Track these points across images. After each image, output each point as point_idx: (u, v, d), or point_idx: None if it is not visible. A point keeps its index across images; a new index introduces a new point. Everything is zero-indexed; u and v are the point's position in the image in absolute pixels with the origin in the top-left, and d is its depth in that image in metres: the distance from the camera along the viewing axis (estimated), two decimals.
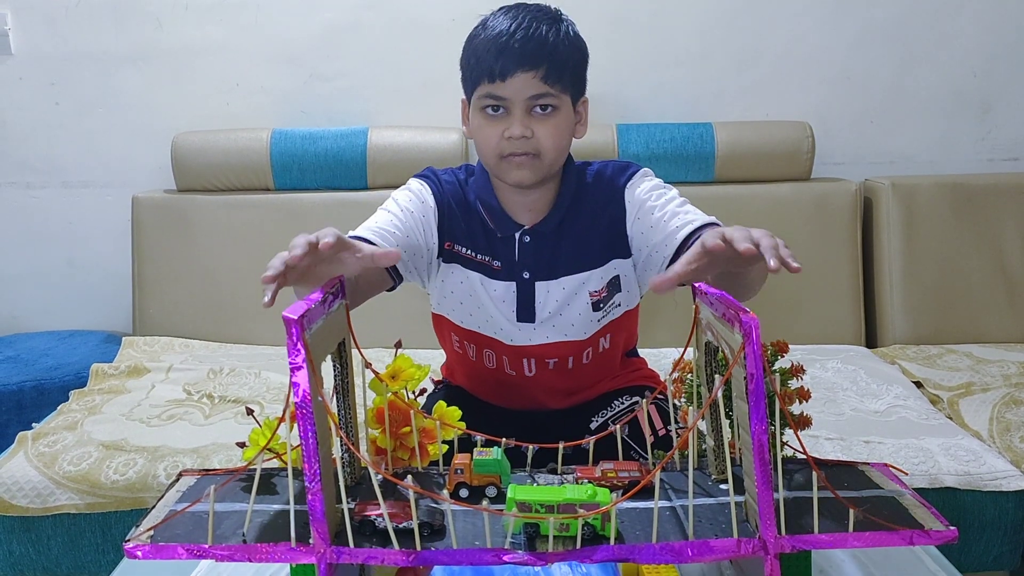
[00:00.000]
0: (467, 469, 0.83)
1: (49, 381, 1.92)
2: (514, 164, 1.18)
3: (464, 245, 1.27)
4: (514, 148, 1.17)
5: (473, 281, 1.27)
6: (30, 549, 1.53)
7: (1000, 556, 1.52)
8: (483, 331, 1.30)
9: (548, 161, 1.19)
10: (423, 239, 1.24)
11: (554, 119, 1.18)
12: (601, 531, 0.74)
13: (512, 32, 1.14)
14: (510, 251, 1.26)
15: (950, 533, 0.75)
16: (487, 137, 1.19)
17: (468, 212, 1.28)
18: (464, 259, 1.27)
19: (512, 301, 1.26)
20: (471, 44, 1.20)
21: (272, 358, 2.01)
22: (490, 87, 1.16)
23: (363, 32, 2.26)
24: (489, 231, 1.26)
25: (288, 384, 0.69)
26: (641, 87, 2.28)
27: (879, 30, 2.26)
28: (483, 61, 1.15)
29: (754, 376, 0.69)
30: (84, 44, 2.26)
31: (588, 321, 1.28)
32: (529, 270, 1.26)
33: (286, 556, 0.72)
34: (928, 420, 1.65)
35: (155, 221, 2.20)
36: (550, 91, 1.16)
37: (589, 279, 1.26)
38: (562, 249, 1.25)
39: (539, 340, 1.28)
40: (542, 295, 1.26)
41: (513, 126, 1.16)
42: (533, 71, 1.14)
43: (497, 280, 1.26)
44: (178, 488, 0.86)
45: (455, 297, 1.29)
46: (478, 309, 1.28)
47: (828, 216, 2.16)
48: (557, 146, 1.19)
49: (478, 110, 1.20)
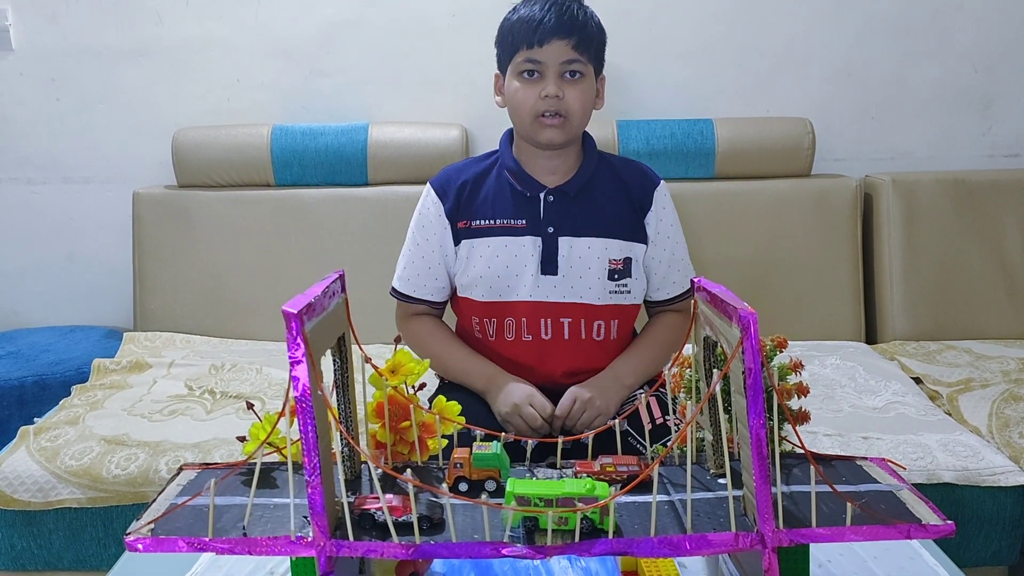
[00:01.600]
0: (466, 463, 0.83)
1: (50, 376, 1.92)
2: (546, 124, 1.34)
3: (482, 218, 1.41)
4: (548, 106, 1.33)
5: (497, 245, 1.40)
6: (32, 543, 1.53)
7: (999, 551, 1.53)
8: (504, 297, 1.40)
9: (575, 123, 1.36)
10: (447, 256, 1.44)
11: (581, 84, 1.35)
12: (600, 525, 0.74)
13: (548, 8, 1.32)
14: (535, 209, 1.40)
15: (947, 527, 0.75)
16: (524, 98, 1.35)
17: (492, 184, 1.43)
18: (483, 230, 1.41)
19: (537, 254, 1.39)
20: (507, 23, 1.37)
21: (273, 353, 2.02)
22: (528, 52, 1.33)
23: (364, 28, 2.26)
24: (516, 193, 1.40)
25: (288, 379, 0.69)
26: (642, 83, 2.28)
27: (880, 26, 2.26)
28: (522, 32, 1.33)
29: (752, 371, 0.70)
30: (85, 39, 2.26)
31: (603, 289, 1.40)
32: (553, 225, 1.39)
33: (286, 549, 0.73)
34: (927, 416, 1.65)
35: (156, 217, 2.20)
36: (579, 58, 1.33)
37: (611, 247, 1.40)
38: (587, 211, 1.40)
39: (557, 297, 1.39)
40: (565, 249, 1.39)
41: (549, 86, 1.33)
42: (567, 39, 1.32)
43: (523, 236, 1.39)
44: (179, 482, 0.86)
45: (478, 268, 1.40)
46: (505, 269, 1.39)
47: (828, 212, 2.16)
48: (583, 109, 1.36)
49: (515, 75, 1.36)
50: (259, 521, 0.77)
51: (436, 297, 1.47)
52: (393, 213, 2.09)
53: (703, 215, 2.12)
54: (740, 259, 2.13)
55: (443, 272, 1.44)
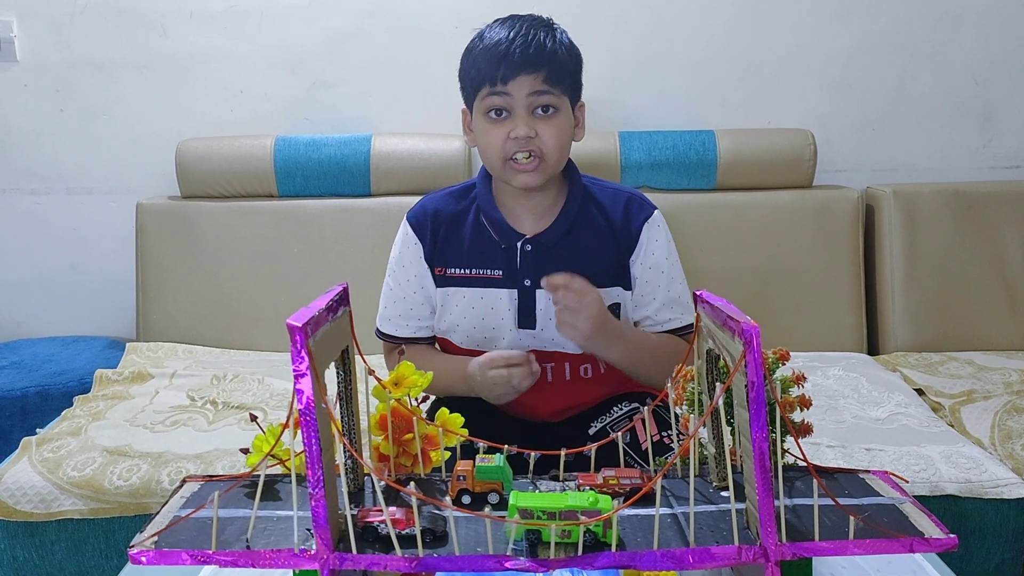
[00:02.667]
0: (469, 476, 0.83)
1: (53, 387, 1.92)
2: (519, 170, 1.23)
3: (457, 266, 1.31)
4: (519, 147, 1.21)
5: (472, 297, 1.31)
6: (34, 554, 1.53)
7: (1001, 564, 1.52)
8: (483, 347, 1.32)
9: (552, 162, 1.24)
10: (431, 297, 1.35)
11: (556, 120, 1.23)
12: (603, 538, 0.74)
13: (512, 39, 1.19)
14: (512, 260, 1.30)
15: (950, 541, 0.75)
16: (492, 141, 1.23)
17: (469, 228, 1.32)
18: (459, 279, 1.31)
19: (514, 308, 1.29)
20: (470, 55, 1.25)
21: (275, 364, 2.02)
22: (492, 88, 1.21)
23: (366, 39, 2.27)
24: (493, 242, 1.29)
25: (292, 390, 0.69)
26: (643, 94, 2.28)
27: (880, 38, 2.27)
28: (485, 68, 1.20)
29: (755, 384, 0.70)
30: (89, 51, 2.27)
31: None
32: (530, 278, 1.29)
33: (289, 562, 0.73)
34: (929, 428, 1.65)
35: (159, 227, 2.20)
36: (551, 91, 1.21)
37: None
38: (566, 261, 1.27)
39: (539, 347, 1.31)
40: (543, 303, 1.29)
41: (518, 127, 1.20)
42: (534, 74, 1.19)
43: (498, 288, 1.29)
44: (182, 494, 0.86)
45: (454, 317, 1.33)
46: (481, 321, 1.31)
47: (830, 223, 2.16)
48: (560, 146, 1.23)
49: (481, 115, 1.24)
50: (262, 534, 0.77)
51: (422, 334, 1.38)
52: (396, 224, 2.05)
53: (704, 226, 2.13)
54: (742, 270, 2.13)
55: (427, 312, 1.36)
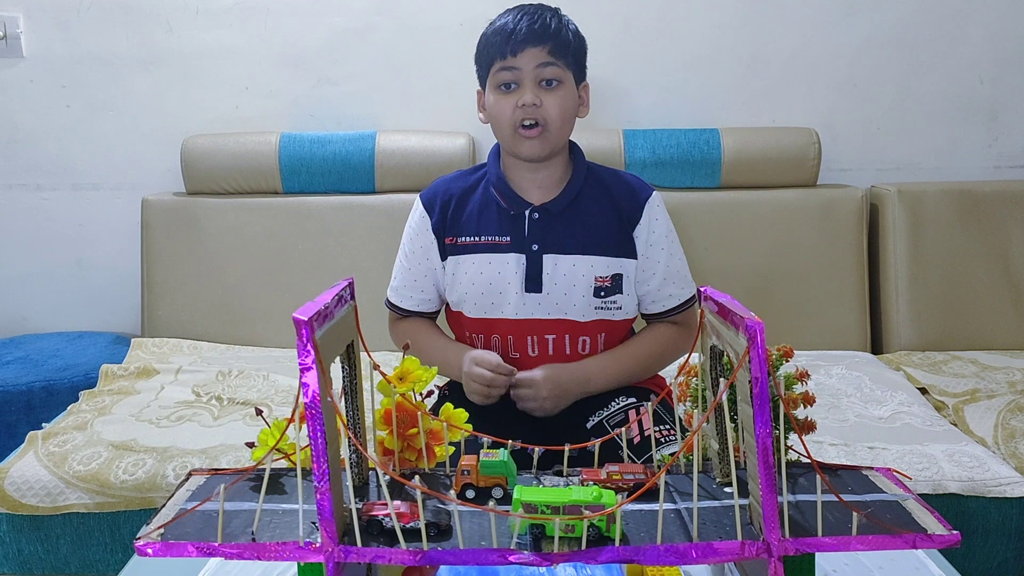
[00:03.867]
0: (473, 470, 0.83)
1: (58, 382, 1.93)
2: (525, 137, 1.34)
3: (467, 234, 1.41)
4: (525, 115, 1.33)
5: (481, 262, 1.39)
6: (39, 548, 1.54)
7: (1004, 562, 1.52)
8: (490, 314, 1.40)
9: (554, 130, 1.35)
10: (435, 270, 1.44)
11: (559, 92, 1.35)
12: (606, 532, 0.74)
13: (519, 19, 1.34)
14: (520, 227, 1.39)
15: (953, 537, 0.75)
16: (502, 110, 1.35)
17: (477, 199, 1.42)
18: (468, 247, 1.40)
19: (521, 272, 1.38)
20: (483, 38, 1.39)
21: (280, 360, 2.03)
22: (503, 63, 1.34)
23: (372, 37, 2.28)
24: (501, 210, 1.40)
25: (297, 386, 0.70)
26: (647, 92, 2.29)
27: (886, 36, 2.27)
28: (496, 43, 1.34)
29: (758, 380, 0.70)
30: (95, 47, 2.28)
31: (588, 306, 1.39)
32: (538, 243, 1.38)
33: (295, 554, 0.73)
34: (932, 426, 1.65)
35: (164, 223, 2.21)
36: (555, 63, 1.33)
37: (596, 264, 1.39)
38: (573, 228, 1.39)
39: (542, 315, 1.39)
40: (549, 267, 1.38)
41: (525, 95, 1.33)
42: (540, 46, 1.32)
43: (507, 253, 1.39)
44: (188, 487, 0.87)
45: (463, 285, 1.41)
46: (489, 286, 1.39)
47: (834, 222, 2.16)
48: (562, 116, 1.35)
49: (493, 88, 1.37)
50: (268, 527, 0.77)
51: (424, 308, 1.49)
52: (400, 221, 2.06)
53: (708, 224, 2.13)
54: (745, 268, 2.13)
55: (430, 285, 1.46)
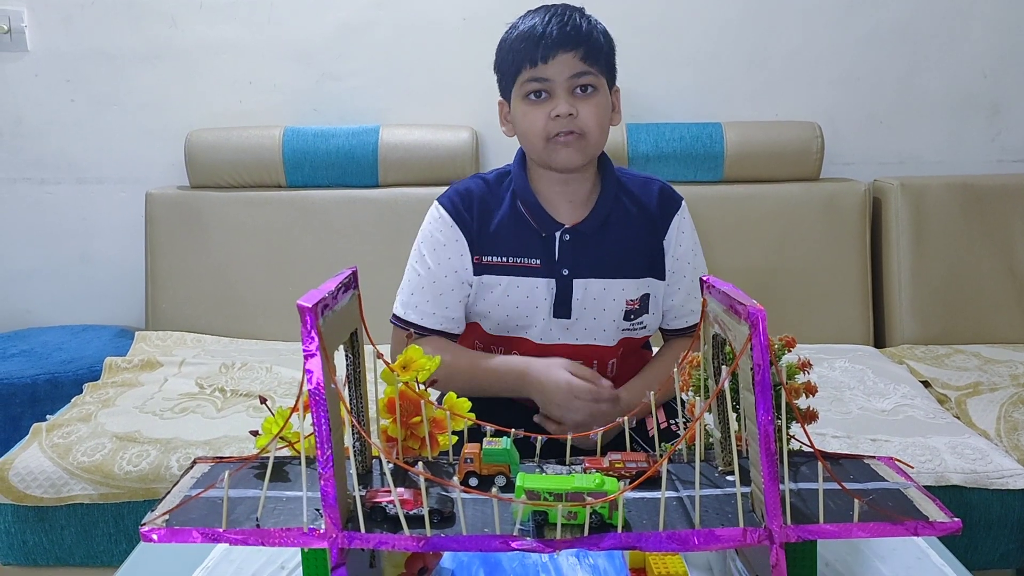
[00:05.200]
0: (477, 458, 0.83)
1: (63, 374, 1.94)
2: (561, 144, 1.22)
3: (496, 254, 1.30)
4: (560, 127, 1.21)
5: (508, 285, 1.30)
6: (43, 538, 1.54)
7: (1006, 554, 1.53)
8: (513, 334, 1.32)
9: (593, 141, 1.24)
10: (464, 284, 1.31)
11: (595, 99, 1.23)
12: (609, 520, 0.74)
13: (548, 21, 1.20)
14: (550, 249, 1.29)
15: (954, 524, 0.75)
16: (533, 121, 1.23)
17: (504, 215, 1.30)
18: (497, 267, 1.30)
19: (551, 297, 1.29)
20: (506, 43, 1.25)
21: (283, 353, 2.03)
22: (533, 71, 1.21)
23: (375, 31, 2.28)
24: (531, 230, 1.29)
25: (300, 379, 0.70)
26: (651, 87, 2.29)
27: (889, 31, 2.27)
28: (523, 51, 1.21)
29: (760, 367, 0.70)
30: (99, 41, 2.28)
31: (617, 329, 1.31)
32: (568, 267, 1.29)
33: (299, 540, 0.74)
34: (935, 419, 1.65)
35: (168, 217, 2.22)
36: (590, 71, 1.22)
37: (627, 287, 1.30)
38: (604, 250, 1.29)
39: (570, 340, 1.31)
40: (579, 292, 1.29)
41: (559, 105, 1.20)
42: (573, 51, 1.20)
43: (536, 278, 1.28)
44: (192, 475, 0.87)
45: (488, 304, 1.31)
46: (515, 309, 1.30)
47: (837, 216, 2.16)
48: (600, 125, 1.24)
49: (521, 98, 1.24)
50: (272, 513, 0.77)
51: (449, 328, 1.33)
52: (403, 215, 2.10)
53: (712, 218, 2.13)
54: (748, 262, 2.13)
55: (458, 299, 1.31)
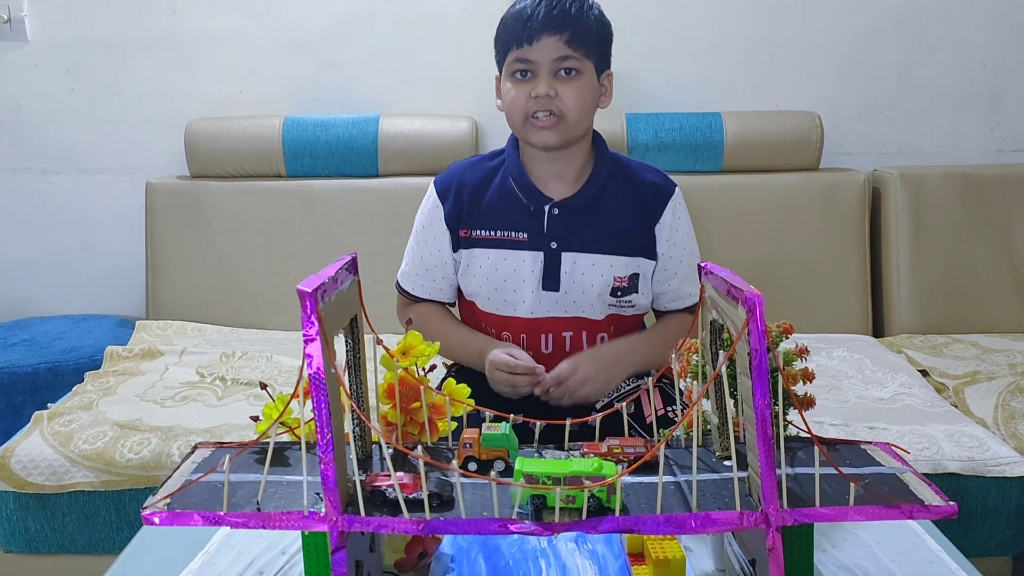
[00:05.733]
0: (476, 443, 0.84)
1: (64, 363, 1.94)
2: (538, 127, 1.28)
3: (483, 228, 1.35)
4: (539, 106, 1.26)
5: (496, 258, 1.35)
6: (45, 525, 1.55)
7: (1003, 541, 1.53)
8: (502, 312, 1.37)
9: (571, 123, 1.28)
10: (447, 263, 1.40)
11: (577, 82, 1.27)
12: (607, 503, 0.75)
13: (537, 4, 1.25)
14: (538, 223, 1.34)
15: (950, 508, 0.75)
16: (515, 99, 1.29)
17: (495, 190, 1.36)
18: (484, 240, 1.35)
19: (539, 271, 1.33)
20: (502, 22, 1.31)
21: (283, 342, 2.04)
22: (518, 51, 1.27)
23: (375, 20, 2.27)
24: (520, 205, 1.34)
25: (300, 368, 0.70)
26: (650, 76, 2.29)
27: (888, 20, 2.26)
28: (512, 31, 1.27)
29: (757, 351, 0.71)
30: (99, 31, 2.28)
31: (604, 304, 1.35)
32: (557, 240, 1.34)
33: (299, 524, 0.74)
34: (933, 407, 1.66)
35: (168, 207, 2.22)
36: (573, 55, 1.26)
37: (616, 264, 1.33)
38: (593, 225, 1.34)
39: (558, 313, 1.35)
40: (568, 265, 1.33)
41: (539, 85, 1.26)
42: (558, 35, 1.24)
43: (523, 251, 1.33)
44: (193, 459, 0.88)
45: (478, 279, 1.37)
46: (503, 283, 1.35)
47: (836, 206, 2.16)
48: (580, 108, 1.28)
49: (508, 76, 1.31)
50: (272, 497, 0.78)
51: (437, 297, 1.45)
52: (403, 205, 2.08)
53: (711, 208, 2.13)
54: (748, 252, 2.14)
55: (442, 275, 1.42)
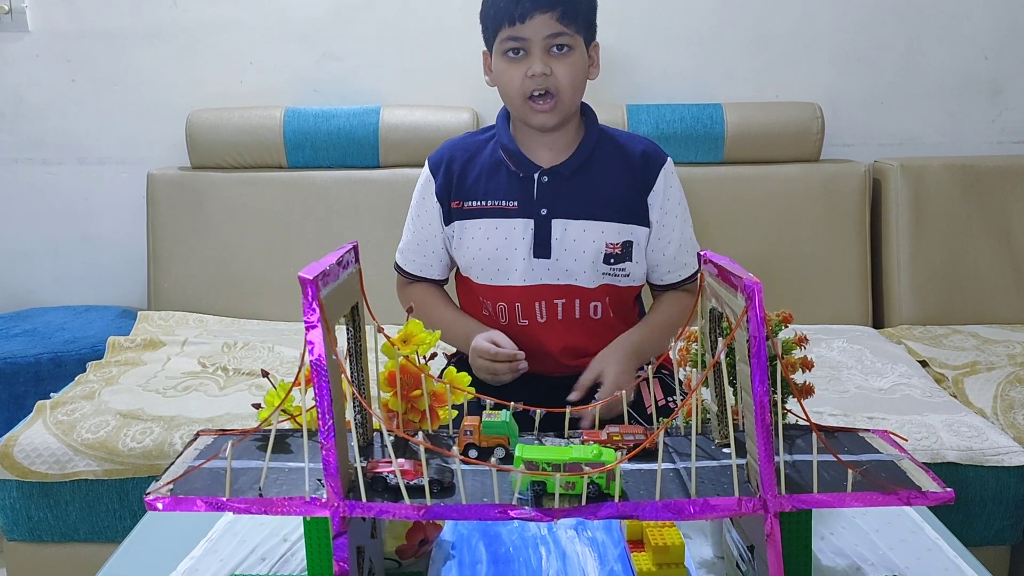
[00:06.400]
0: (476, 430, 0.84)
1: (66, 354, 1.94)
2: (537, 110, 1.30)
3: (474, 198, 1.38)
4: (535, 85, 1.28)
5: (487, 228, 1.36)
6: (48, 514, 1.56)
7: (1001, 531, 1.54)
8: (496, 282, 1.38)
9: (566, 99, 1.30)
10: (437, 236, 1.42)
11: (570, 58, 1.29)
12: (606, 490, 0.75)
13: None
14: (528, 191, 1.35)
15: (946, 494, 0.76)
16: (511, 79, 1.30)
17: (485, 162, 1.39)
18: (475, 211, 1.37)
19: (529, 238, 1.35)
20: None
21: (285, 333, 2.04)
22: (511, 30, 1.28)
23: (376, 11, 2.27)
24: (510, 173, 1.36)
25: (301, 357, 0.71)
26: (651, 67, 2.28)
27: (889, 11, 2.26)
28: (503, 9, 1.28)
29: (756, 339, 0.71)
30: (100, 21, 2.28)
31: (597, 272, 1.36)
32: (547, 207, 1.35)
33: (301, 509, 0.75)
34: (932, 398, 1.66)
35: (170, 198, 2.22)
36: (566, 31, 1.28)
37: (608, 230, 1.35)
38: (584, 192, 1.35)
39: (551, 280, 1.36)
40: (559, 231, 1.35)
41: (534, 64, 1.27)
42: (550, 12, 1.26)
43: (514, 219, 1.36)
44: (196, 446, 0.88)
45: (470, 251, 1.38)
46: (495, 252, 1.37)
47: (837, 197, 2.17)
48: (573, 84, 1.30)
49: (500, 55, 1.32)
50: (274, 484, 0.78)
51: (431, 275, 1.47)
52: (404, 195, 2.06)
53: (712, 199, 2.13)
54: (748, 243, 2.14)
55: (432, 250, 1.44)
